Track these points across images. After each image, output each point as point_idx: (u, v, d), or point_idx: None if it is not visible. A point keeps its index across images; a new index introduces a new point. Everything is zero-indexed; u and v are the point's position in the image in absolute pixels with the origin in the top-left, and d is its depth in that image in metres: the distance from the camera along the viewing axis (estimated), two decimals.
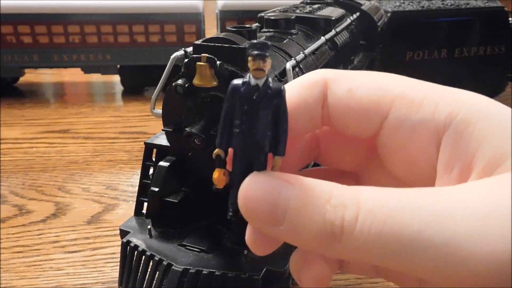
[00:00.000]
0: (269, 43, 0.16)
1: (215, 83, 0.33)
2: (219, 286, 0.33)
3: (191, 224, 0.38)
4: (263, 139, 0.17)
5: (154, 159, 0.42)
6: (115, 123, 0.85)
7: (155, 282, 0.34)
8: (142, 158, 0.42)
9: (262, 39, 0.44)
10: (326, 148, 0.22)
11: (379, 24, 0.75)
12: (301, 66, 0.42)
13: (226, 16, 0.97)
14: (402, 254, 0.15)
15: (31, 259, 0.47)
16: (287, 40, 0.45)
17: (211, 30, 1.09)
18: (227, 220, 0.37)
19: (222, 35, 0.35)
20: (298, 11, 0.57)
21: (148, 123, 0.84)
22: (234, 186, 0.17)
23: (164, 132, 0.38)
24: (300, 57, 0.41)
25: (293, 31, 0.48)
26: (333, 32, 0.53)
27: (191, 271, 0.33)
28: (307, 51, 0.44)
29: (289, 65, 0.37)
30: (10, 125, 0.83)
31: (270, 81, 0.16)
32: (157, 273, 0.34)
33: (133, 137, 0.79)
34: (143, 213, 0.41)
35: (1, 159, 0.69)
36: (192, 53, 0.35)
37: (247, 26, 0.38)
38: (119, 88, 1.04)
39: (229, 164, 0.18)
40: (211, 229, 0.38)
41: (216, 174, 0.18)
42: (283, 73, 0.38)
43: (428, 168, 0.18)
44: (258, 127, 0.16)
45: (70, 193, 0.60)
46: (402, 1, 0.85)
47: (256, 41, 0.16)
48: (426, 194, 0.15)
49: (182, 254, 0.35)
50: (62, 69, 1.13)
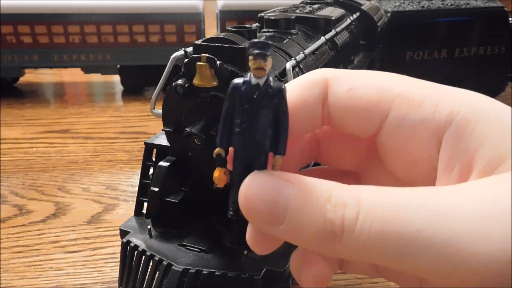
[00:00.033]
0: (270, 43, 0.16)
1: (215, 83, 0.33)
2: (219, 286, 0.33)
3: (191, 224, 0.38)
4: (263, 139, 0.17)
5: (154, 159, 0.42)
6: (115, 123, 0.85)
7: (155, 282, 0.34)
8: (142, 158, 0.42)
9: (262, 39, 0.44)
10: (326, 147, 0.22)
11: (379, 24, 0.75)
12: (301, 66, 0.42)
13: (226, 16, 0.97)
14: (402, 254, 0.15)
15: (31, 259, 0.47)
16: (287, 40, 0.45)
17: (211, 30, 1.09)
18: (227, 220, 0.37)
19: (222, 35, 0.35)
20: (298, 11, 0.57)
21: (148, 123, 0.84)
22: (235, 185, 0.17)
23: (164, 132, 0.38)
24: (300, 57, 0.41)
25: (293, 31, 0.48)
26: (333, 32, 0.53)
27: (191, 271, 0.33)
28: (307, 51, 0.44)
29: (289, 65, 0.37)
30: (10, 125, 0.83)
31: (271, 80, 0.16)
32: (157, 273, 0.34)
33: (133, 137, 0.79)
34: (143, 213, 0.41)
35: (1, 159, 0.69)
36: (192, 53, 0.35)
37: (247, 26, 0.38)
38: (119, 88, 1.04)
39: (229, 163, 0.18)
40: (211, 229, 0.38)
41: (216, 173, 0.18)
42: (283, 73, 0.38)
43: (428, 168, 0.18)
44: (259, 126, 0.16)
45: (70, 193, 0.60)
46: (402, 1, 0.85)
47: (257, 40, 0.16)
48: (426, 194, 0.15)
49: (182, 254, 0.35)
50: (62, 69, 1.13)
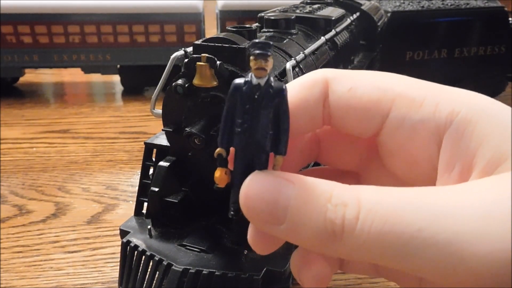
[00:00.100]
0: (271, 43, 0.16)
1: (215, 83, 0.33)
2: (219, 286, 0.33)
3: (191, 224, 0.38)
4: (264, 139, 0.17)
5: (154, 159, 0.42)
6: (115, 123, 0.85)
7: (155, 282, 0.34)
8: (142, 158, 0.42)
9: (262, 39, 0.44)
10: (326, 147, 0.22)
11: (379, 24, 0.75)
12: (301, 66, 0.42)
13: (226, 16, 0.97)
14: (402, 253, 0.15)
15: (31, 259, 0.47)
16: (287, 40, 0.45)
17: (211, 30, 1.09)
18: (227, 220, 0.37)
19: (222, 35, 0.35)
20: (298, 11, 0.57)
21: (148, 123, 0.84)
22: (235, 185, 0.17)
23: (164, 132, 0.38)
24: (300, 57, 0.41)
25: (293, 31, 0.48)
26: (333, 32, 0.53)
27: (191, 271, 0.33)
28: (307, 51, 0.44)
29: (289, 65, 0.37)
30: (10, 125, 0.83)
31: (272, 80, 0.16)
32: (157, 273, 0.34)
33: (133, 137, 0.79)
34: (143, 213, 0.41)
35: (1, 159, 0.69)
36: (192, 53, 0.35)
37: (247, 26, 0.38)
38: (119, 88, 1.04)
39: (230, 163, 0.18)
40: (211, 229, 0.38)
41: (217, 173, 0.18)
42: (283, 73, 0.38)
43: (428, 168, 0.18)
44: (260, 126, 0.16)
45: (70, 193, 0.60)
46: (402, 1, 0.85)
47: (257, 40, 0.16)
48: (426, 194, 0.15)
49: (182, 254, 0.35)
50: (62, 69, 1.13)
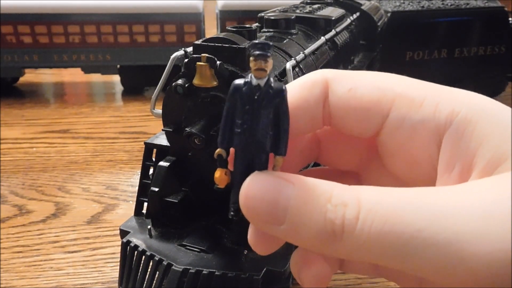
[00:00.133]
0: (270, 43, 0.16)
1: (215, 83, 0.33)
2: (219, 286, 0.33)
3: (191, 224, 0.38)
4: (264, 139, 0.17)
5: (154, 159, 0.42)
6: (115, 123, 0.85)
7: (155, 282, 0.34)
8: (142, 158, 0.42)
9: (262, 39, 0.44)
10: (326, 148, 0.22)
11: (379, 24, 0.75)
12: (301, 66, 0.42)
13: (226, 16, 0.97)
14: (402, 253, 0.15)
15: (31, 259, 0.47)
16: (287, 40, 0.45)
17: (211, 30, 1.09)
18: (227, 220, 0.37)
19: (222, 35, 0.35)
20: (298, 11, 0.57)
21: (148, 123, 0.84)
22: (235, 186, 0.17)
23: (164, 132, 0.38)
24: (300, 57, 0.41)
25: (293, 31, 0.48)
26: (333, 32, 0.53)
27: (191, 271, 0.33)
28: (307, 51, 0.44)
29: (289, 65, 0.37)
30: (10, 125, 0.83)
31: (272, 81, 0.16)
32: (157, 273, 0.34)
33: (133, 137, 0.79)
34: (143, 213, 0.41)
35: (1, 159, 0.69)
36: (192, 53, 0.35)
37: (247, 26, 0.38)
38: (119, 88, 1.04)
39: (230, 163, 0.18)
40: (211, 229, 0.38)
41: (217, 173, 0.18)
42: (283, 73, 0.38)
43: (428, 168, 0.18)
44: (260, 126, 0.16)
45: (70, 193, 0.60)
46: (402, 1, 0.85)
47: (257, 41, 0.16)
48: (426, 194, 0.16)
49: (182, 254, 0.35)
50: (62, 69, 1.13)
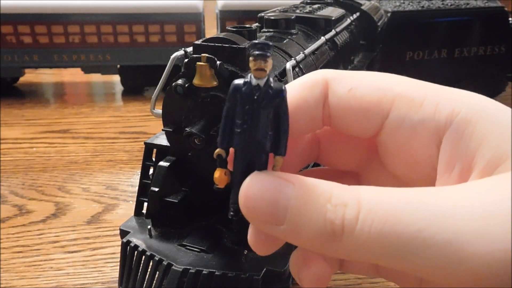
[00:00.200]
0: (270, 43, 0.16)
1: (215, 83, 0.33)
2: (219, 286, 0.33)
3: (191, 224, 0.38)
4: (264, 139, 0.17)
5: (154, 159, 0.42)
6: (115, 123, 0.85)
7: (155, 282, 0.34)
8: (142, 158, 0.42)
9: (262, 39, 0.44)
10: (326, 148, 0.22)
11: (379, 24, 0.75)
12: (301, 66, 0.42)
13: (226, 16, 0.97)
14: (402, 253, 0.15)
15: (31, 259, 0.47)
16: (287, 40, 0.45)
17: (211, 30, 1.09)
18: (227, 220, 0.37)
19: (222, 35, 0.35)
20: (298, 11, 0.57)
21: (148, 123, 0.84)
22: (235, 186, 0.17)
23: (164, 132, 0.38)
24: (300, 57, 0.41)
25: (293, 31, 0.48)
26: (333, 32, 0.53)
27: (191, 271, 0.33)
28: (307, 51, 0.44)
29: (289, 65, 0.37)
30: (10, 125, 0.83)
31: (271, 81, 0.16)
32: (157, 273, 0.34)
33: (133, 137, 0.79)
34: (143, 213, 0.41)
35: (1, 159, 0.69)
36: (192, 53, 0.35)
37: (247, 26, 0.38)
38: (119, 88, 1.04)
39: (230, 163, 0.18)
40: (211, 229, 0.38)
41: (217, 173, 0.18)
42: (283, 73, 0.38)
43: (428, 168, 0.18)
44: (259, 127, 0.16)
45: (70, 193, 0.60)
46: (402, 1, 0.85)
47: (257, 41, 0.16)
48: (426, 194, 0.16)
49: (182, 254, 0.35)
50: (62, 69, 1.13)
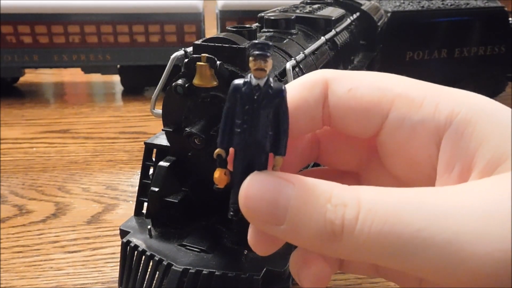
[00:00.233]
0: (270, 43, 0.16)
1: (215, 83, 0.33)
2: (219, 286, 0.33)
3: (191, 224, 0.38)
4: (264, 139, 0.17)
5: (154, 159, 0.42)
6: (115, 123, 0.85)
7: (155, 282, 0.34)
8: (142, 158, 0.42)
9: (262, 39, 0.44)
10: (326, 148, 0.22)
11: (379, 24, 0.75)
12: (301, 66, 0.42)
13: (226, 16, 0.97)
14: (402, 253, 0.15)
15: (31, 259, 0.47)
16: (287, 40, 0.45)
17: (211, 30, 1.09)
18: (227, 220, 0.37)
19: (222, 35, 0.35)
20: (298, 11, 0.57)
21: (148, 123, 0.84)
22: (235, 186, 0.17)
23: (164, 132, 0.38)
24: (300, 57, 0.41)
25: (293, 31, 0.48)
26: (333, 32, 0.53)
27: (191, 271, 0.33)
28: (307, 51, 0.44)
29: (289, 65, 0.37)
30: (10, 125, 0.83)
31: (271, 81, 0.16)
32: (157, 273, 0.34)
33: (133, 137, 0.79)
34: (143, 213, 0.41)
35: (1, 159, 0.69)
36: (192, 53, 0.35)
37: (247, 26, 0.38)
38: (119, 88, 1.04)
39: (230, 163, 0.18)
40: (211, 229, 0.38)
41: (217, 173, 0.18)
42: (283, 73, 0.38)
43: (428, 168, 0.18)
44: (259, 127, 0.16)
45: (70, 193, 0.60)
46: (402, 1, 0.85)
47: (257, 41, 0.16)
48: (426, 194, 0.16)
49: (182, 254, 0.35)
50: (62, 69, 1.13)
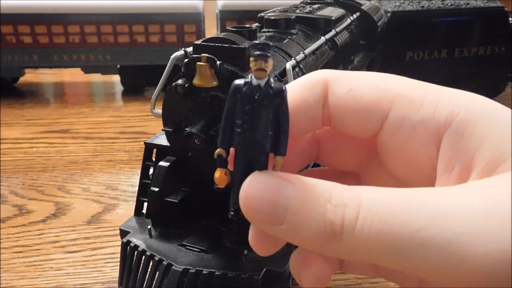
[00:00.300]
0: (270, 44, 0.16)
1: (215, 83, 0.33)
2: (219, 286, 0.33)
3: (191, 224, 0.38)
4: (264, 139, 0.17)
5: (154, 159, 0.42)
6: (115, 123, 0.85)
7: (155, 282, 0.34)
8: (142, 158, 0.42)
9: (262, 39, 0.44)
10: (326, 148, 0.22)
11: (379, 24, 0.75)
12: (301, 66, 0.42)
13: (226, 16, 0.97)
14: (402, 253, 0.15)
15: (31, 259, 0.47)
16: (287, 40, 0.45)
17: (211, 30, 1.09)
18: (227, 220, 0.37)
19: (222, 35, 0.35)
20: (298, 11, 0.57)
21: (148, 123, 0.84)
22: (235, 186, 0.17)
23: (164, 132, 0.38)
24: (300, 57, 0.41)
25: (293, 31, 0.48)
26: (333, 32, 0.53)
27: (191, 271, 0.33)
28: (307, 51, 0.44)
29: (289, 65, 0.37)
30: (10, 125, 0.83)
31: (272, 81, 0.17)
32: (157, 273, 0.34)
33: (133, 137, 0.79)
34: (143, 213, 0.41)
35: (1, 159, 0.69)
36: (192, 53, 0.35)
37: (247, 26, 0.38)
38: (119, 88, 1.04)
39: (230, 163, 0.18)
40: (211, 229, 0.38)
41: (217, 173, 0.18)
42: (283, 73, 0.38)
43: (428, 168, 0.18)
44: (260, 127, 0.17)
45: (70, 193, 0.60)
46: (402, 1, 0.85)
47: (257, 41, 0.16)
48: (426, 194, 0.16)
49: (182, 254, 0.35)
50: (62, 69, 1.13)
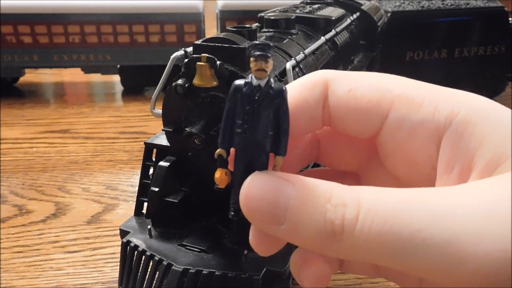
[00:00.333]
0: (271, 44, 0.16)
1: (215, 83, 0.33)
2: (219, 286, 0.33)
3: (191, 224, 0.38)
4: (264, 139, 0.17)
5: (154, 159, 0.42)
6: (115, 123, 0.85)
7: (155, 282, 0.34)
8: (142, 158, 0.42)
9: (262, 39, 0.44)
10: (326, 148, 0.22)
11: (379, 24, 0.75)
12: (301, 66, 0.42)
13: (226, 16, 0.97)
14: (402, 253, 0.15)
15: (31, 259, 0.47)
16: (287, 40, 0.45)
17: (211, 30, 1.09)
18: (227, 220, 0.37)
19: (222, 35, 0.35)
20: (298, 11, 0.57)
21: (148, 123, 0.84)
22: (236, 186, 0.17)
23: (164, 132, 0.38)
24: (300, 57, 0.41)
25: (293, 31, 0.48)
26: (333, 32, 0.53)
27: (191, 271, 0.33)
28: (307, 51, 0.44)
29: (289, 65, 0.37)
30: (10, 125, 0.83)
31: (272, 81, 0.17)
32: (157, 273, 0.34)
33: (133, 137, 0.79)
34: (143, 213, 0.41)
35: (1, 159, 0.69)
36: (192, 53, 0.35)
37: (247, 26, 0.38)
38: (119, 88, 1.04)
39: (230, 164, 0.18)
40: (211, 229, 0.38)
41: (218, 173, 0.18)
42: (283, 73, 0.38)
43: (428, 168, 0.19)
44: (260, 127, 0.17)
45: (70, 193, 0.60)
46: (402, 1, 0.85)
47: (258, 41, 0.16)
48: (426, 194, 0.16)
49: (182, 254, 0.35)
50: (62, 69, 1.13)
